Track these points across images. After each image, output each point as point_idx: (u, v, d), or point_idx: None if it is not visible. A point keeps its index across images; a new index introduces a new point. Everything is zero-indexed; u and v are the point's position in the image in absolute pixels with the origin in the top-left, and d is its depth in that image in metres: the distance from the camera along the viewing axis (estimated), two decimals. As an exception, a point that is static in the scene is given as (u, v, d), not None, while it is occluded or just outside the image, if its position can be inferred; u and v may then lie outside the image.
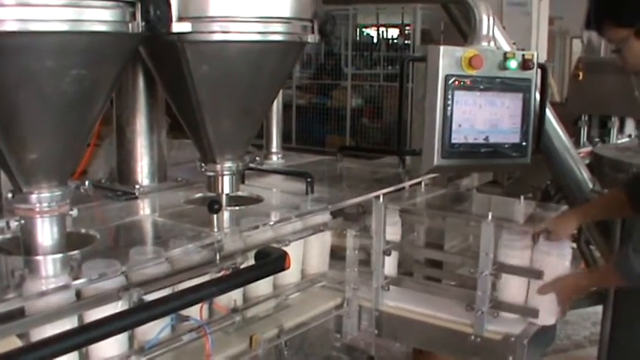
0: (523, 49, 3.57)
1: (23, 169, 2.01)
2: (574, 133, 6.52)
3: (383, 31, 18.48)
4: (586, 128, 6.70)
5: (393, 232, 3.11)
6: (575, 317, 6.11)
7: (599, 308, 4.34)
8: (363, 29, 18.55)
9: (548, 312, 2.88)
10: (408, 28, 15.89)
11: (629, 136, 6.66)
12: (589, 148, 5.82)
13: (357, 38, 17.14)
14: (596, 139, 6.62)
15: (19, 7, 1.73)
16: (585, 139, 6.68)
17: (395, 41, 17.83)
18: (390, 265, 3.13)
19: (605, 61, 8.61)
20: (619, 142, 6.48)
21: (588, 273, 3.40)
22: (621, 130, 6.68)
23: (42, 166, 2.02)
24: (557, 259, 2.84)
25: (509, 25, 9.96)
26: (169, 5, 2.07)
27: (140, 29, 1.95)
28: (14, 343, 1.95)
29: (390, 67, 15.65)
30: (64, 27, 1.79)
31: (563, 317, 3.04)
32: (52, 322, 1.99)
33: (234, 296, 2.60)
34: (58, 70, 1.85)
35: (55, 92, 1.89)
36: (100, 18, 1.86)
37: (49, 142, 2.00)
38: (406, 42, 16.05)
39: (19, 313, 1.97)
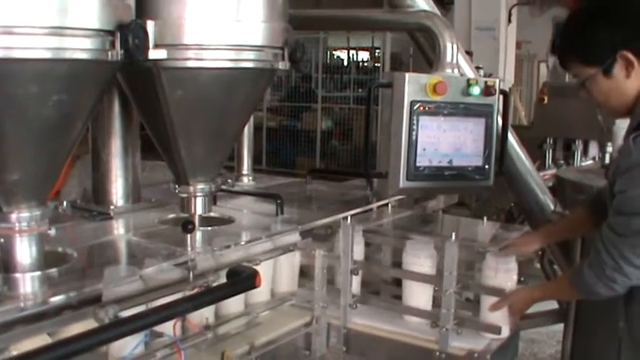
0: (490, 74, 3.68)
1: (4, 190, 2.06)
2: (540, 156, 6.66)
3: (353, 54, 18.62)
4: (551, 151, 6.84)
5: (358, 251, 3.20)
6: (541, 336, 6.20)
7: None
8: (334, 52, 18.66)
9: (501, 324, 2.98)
10: (378, 51, 16.03)
11: (593, 158, 6.81)
12: (553, 171, 5.96)
13: (328, 61, 17.23)
14: (561, 162, 6.77)
15: (3, 36, 1.78)
16: (550, 161, 6.81)
17: (365, 64, 17.97)
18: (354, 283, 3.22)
19: (569, 85, 8.76)
20: (583, 164, 6.62)
21: (542, 286, 3.50)
22: (585, 152, 6.83)
23: (22, 186, 2.07)
24: (504, 274, 2.95)
25: (477, 49, 10.19)
26: (147, 34, 2.15)
27: (119, 57, 2.03)
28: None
29: (360, 90, 15.77)
30: (46, 54, 1.86)
31: (518, 329, 3.13)
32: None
33: (207, 314, 2.66)
34: (39, 96, 1.91)
35: (37, 116, 1.95)
36: (81, 46, 1.93)
37: (29, 163, 2.05)
38: (376, 65, 16.18)
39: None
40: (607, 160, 6.23)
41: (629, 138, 2.40)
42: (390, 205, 3.53)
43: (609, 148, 6.20)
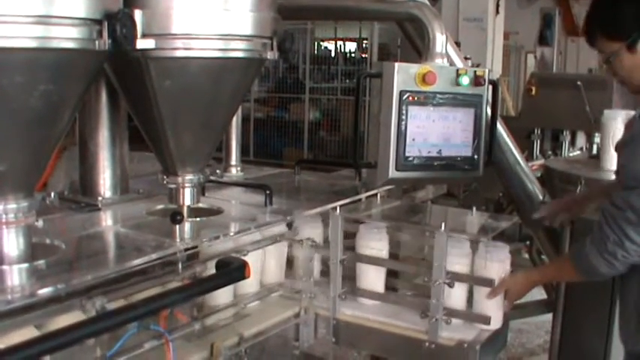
0: (478, 64, 3.66)
1: (-10, 181, 2.05)
2: (528, 146, 6.68)
3: (341, 45, 18.63)
4: (539, 141, 6.86)
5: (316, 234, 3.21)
6: (530, 326, 6.24)
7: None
8: (321, 43, 18.65)
9: (495, 316, 2.97)
10: (365, 42, 16.04)
11: (581, 149, 6.84)
12: (541, 161, 5.98)
13: (316, 52, 17.23)
14: (549, 152, 6.78)
15: (-12, 25, 1.77)
16: (538, 152, 6.83)
17: (353, 55, 17.98)
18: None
19: (556, 76, 8.83)
20: (571, 154, 6.64)
21: (541, 268, 3.48)
22: (573, 143, 6.85)
23: (9, 178, 2.06)
24: (498, 265, 2.93)
25: (464, 40, 10.18)
26: (134, 23, 2.13)
27: (106, 47, 2.01)
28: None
29: (347, 81, 15.81)
30: (32, 44, 1.84)
31: (508, 319, 3.14)
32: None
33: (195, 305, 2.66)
34: (26, 86, 1.90)
35: (23, 107, 1.94)
36: (68, 35, 1.91)
37: (16, 154, 2.04)
38: (364, 56, 16.20)
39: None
40: (595, 150, 6.26)
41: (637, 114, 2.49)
42: (378, 195, 3.52)
43: (597, 139, 6.22)
